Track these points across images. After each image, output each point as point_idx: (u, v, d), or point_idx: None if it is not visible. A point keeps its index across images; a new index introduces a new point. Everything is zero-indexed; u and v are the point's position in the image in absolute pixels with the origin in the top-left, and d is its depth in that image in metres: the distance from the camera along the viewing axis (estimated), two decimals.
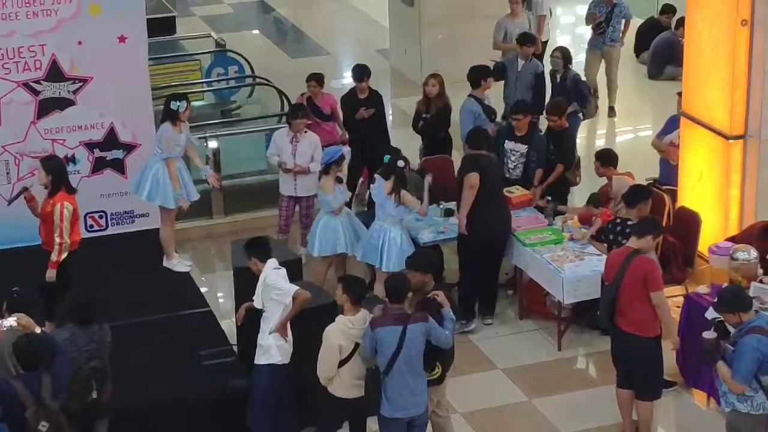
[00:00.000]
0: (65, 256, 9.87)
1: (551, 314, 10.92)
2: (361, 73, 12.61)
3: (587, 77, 15.01)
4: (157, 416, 9.29)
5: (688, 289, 10.51)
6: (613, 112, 15.59)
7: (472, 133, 11.30)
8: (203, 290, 11.42)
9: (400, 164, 10.48)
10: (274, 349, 8.87)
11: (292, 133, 11.66)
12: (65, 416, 7.98)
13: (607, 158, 11.22)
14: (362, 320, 8.43)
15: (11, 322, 8.34)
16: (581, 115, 13.55)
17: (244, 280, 9.48)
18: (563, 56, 13.44)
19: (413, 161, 11.38)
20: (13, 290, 8.62)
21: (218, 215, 12.72)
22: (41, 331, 8.46)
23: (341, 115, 12.76)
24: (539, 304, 11.12)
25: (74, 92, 11.66)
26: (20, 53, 11.41)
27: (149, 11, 12.68)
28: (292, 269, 9.89)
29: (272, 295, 8.82)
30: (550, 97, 13.32)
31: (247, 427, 9.12)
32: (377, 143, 12.14)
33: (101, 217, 12.06)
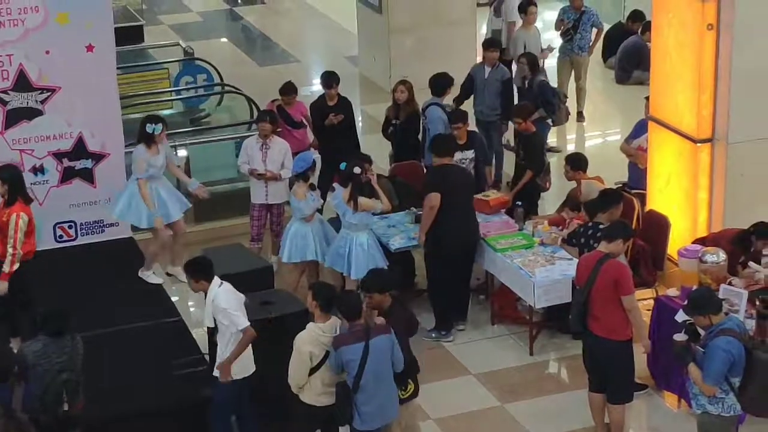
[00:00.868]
0: (17, 266, 9.75)
1: (523, 319, 10.94)
2: (329, 79, 12.62)
3: (558, 84, 15.08)
4: (129, 427, 9.24)
5: (658, 291, 10.55)
6: (581, 117, 15.66)
7: (435, 140, 11.25)
8: (174, 299, 11.37)
9: (356, 171, 10.41)
10: None
11: (261, 140, 11.66)
12: (35, 428, 7.92)
13: (576, 162, 11.26)
14: (332, 327, 8.42)
15: None
16: (550, 121, 13.62)
17: None
18: (529, 62, 13.53)
19: (384, 167, 11.35)
20: None
21: (189, 224, 12.67)
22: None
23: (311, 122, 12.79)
24: (511, 308, 11.13)
25: (42, 102, 11.58)
26: None
27: (117, 20, 12.64)
28: (264, 277, 9.88)
29: (222, 319, 8.71)
30: (516, 102, 13.41)
31: None
32: (347, 150, 12.13)
33: (71, 227, 11.98)
